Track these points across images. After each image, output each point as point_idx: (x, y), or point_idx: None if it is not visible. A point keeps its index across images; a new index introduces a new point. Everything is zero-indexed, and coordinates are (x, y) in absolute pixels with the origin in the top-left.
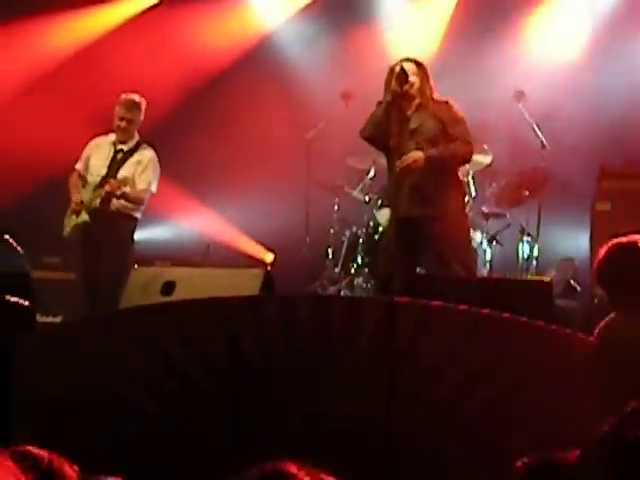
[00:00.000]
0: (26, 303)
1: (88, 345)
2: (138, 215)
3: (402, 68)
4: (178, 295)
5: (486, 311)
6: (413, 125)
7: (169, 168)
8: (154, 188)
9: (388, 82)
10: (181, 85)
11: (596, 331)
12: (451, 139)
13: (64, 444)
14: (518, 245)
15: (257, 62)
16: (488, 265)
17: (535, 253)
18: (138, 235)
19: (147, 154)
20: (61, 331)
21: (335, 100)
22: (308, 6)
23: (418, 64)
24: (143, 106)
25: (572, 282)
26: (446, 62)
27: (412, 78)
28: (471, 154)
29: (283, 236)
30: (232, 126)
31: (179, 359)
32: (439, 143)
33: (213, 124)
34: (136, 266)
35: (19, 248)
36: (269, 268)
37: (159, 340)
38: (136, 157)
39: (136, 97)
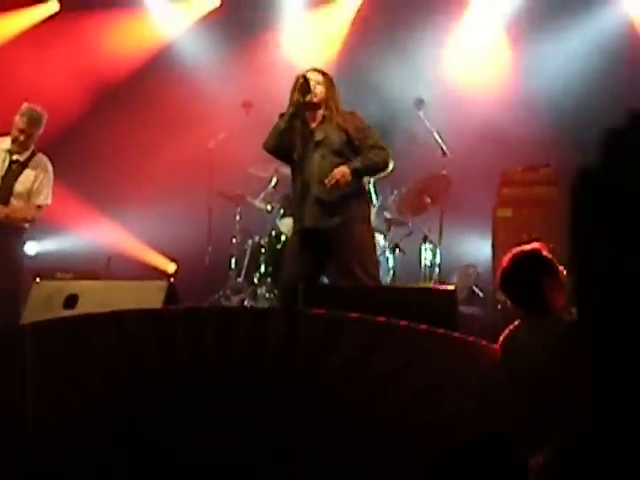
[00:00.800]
0: None
1: None
2: (27, 225)
3: (305, 78)
4: (81, 309)
5: (390, 320)
6: (318, 137)
7: (69, 178)
8: (49, 201)
9: (292, 92)
10: (83, 95)
11: (500, 339)
12: (360, 149)
13: None
14: (420, 252)
15: (159, 71)
16: (391, 273)
17: (437, 260)
18: (37, 247)
19: (43, 169)
20: None
21: (236, 109)
22: (208, 15)
23: (324, 74)
24: (44, 120)
25: (475, 288)
26: (345, 71)
27: (317, 88)
28: (389, 158)
29: (185, 246)
30: (135, 136)
31: (83, 374)
32: (344, 154)
33: (114, 134)
34: (38, 280)
35: None
36: (172, 280)
37: (63, 355)
38: (32, 170)
39: (38, 110)
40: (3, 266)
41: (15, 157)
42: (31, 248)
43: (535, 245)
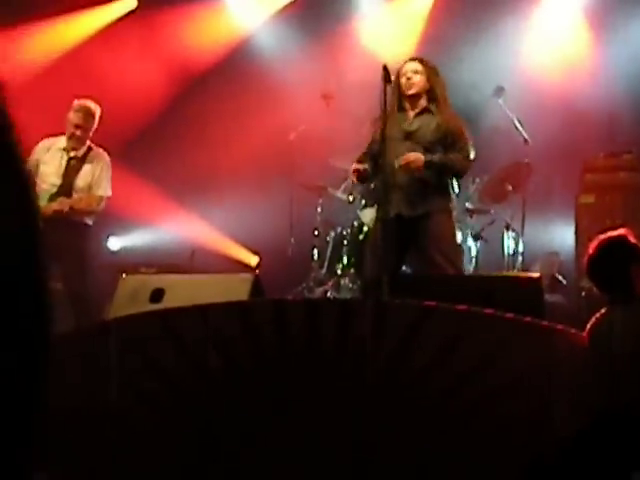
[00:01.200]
0: None
1: (82, 355)
2: (91, 222)
3: (405, 68)
4: (167, 302)
5: (476, 309)
6: (412, 127)
7: (151, 173)
8: (109, 192)
9: (393, 84)
10: (162, 90)
11: (588, 326)
12: (451, 149)
13: (55, 454)
14: (503, 241)
15: (237, 65)
16: (474, 262)
17: (520, 248)
18: (121, 242)
19: (100, 162)
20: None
21: (316, 101)
22: (286, 7)
23: (424, 63)
24: (98, 113)
25: (558, 276)
26: (425, 59)
27: (415, 78)
28: (467, 171)
29: (268, 238)
30: (214, 129)
31: (172, 368)
32: (432, 151)
33: (195, 128)
34: (124, 274)
35: None
36: (257, 272)
37: (152, 349)
38: (89, 164)
39: (91, 104)
40: (73, 261)
41: (72, 154)
42: (114, 243)
43: (621, 231)
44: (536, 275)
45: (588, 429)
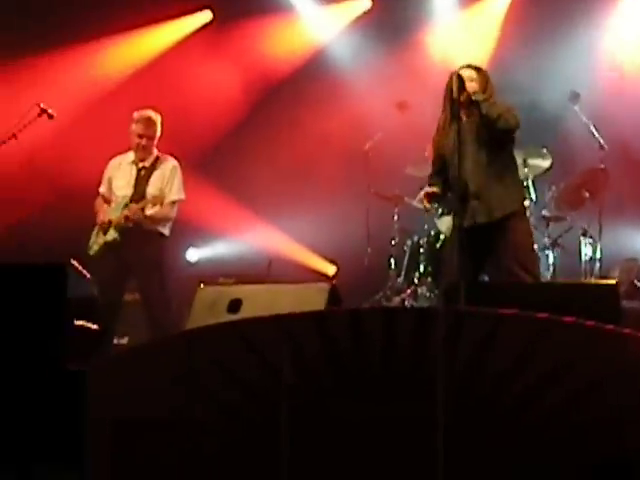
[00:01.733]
0: (94, 327)
1: (160, 366)
2: (167, 232)
3: (459, 75)
4: (245, 313)
5: (553, 317)
6: (472, 133)
7: (228, 184)
8: (182, 195)
9: (447, 89)
10: (239, 100)
11: None
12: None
13: (137, 465)
14: (580, 247)
15: (313, 75)
16: (551, 269)
17: (598, 255)
18: (199, 254)
19: (168, 165)
20: (133, 352)
21: (391, 110)
22: (360, 17)
23: (478, 70)
24: (159, 121)
25: (636, 282)
26: (500, 65)
27: (470, 85)
28: (515, 123)
29: (345, 248)
30: (290, 140)
31: (250, 378)
32: (494, 144)
33: (271, 138)
34: (202, 285)
35: (86, 273)
36: (334, 282)
37: (230, 359)
38: (159, 171)
39: (152, 113)
40: (147, 271)
41: (141, 164)
42: (193, 255)
43: None
44: (613, 282)
45: None
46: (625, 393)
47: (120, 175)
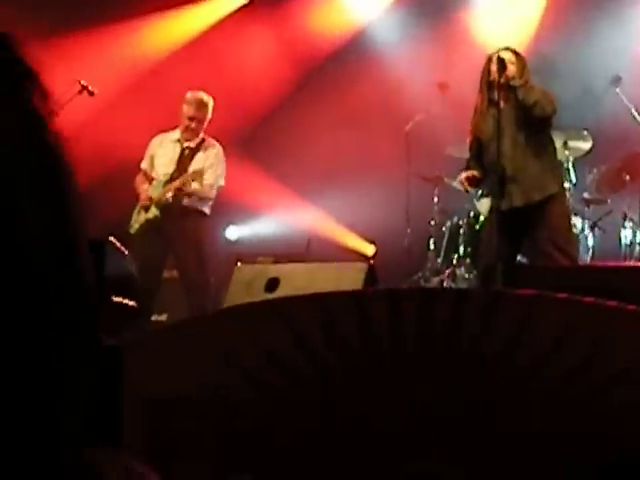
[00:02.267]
0: (132, 303)
1: (196, 344)
2: (207, 211)
3: (499, 57)
4: (282, 291)
5: (591, 299)
6: (508, 116)
7: (269, 163)
8: (222, 182)
9: (485, 72)
10: (280, 80)
11: None
12: None
13: (171, 443)
14: (620, 231)
15: (354, 55)
16: (591, 252)
17: (638, 238)
18: (239, 232)
19: (213, 150)
20: (170, 330)
21: (432, 91)
22: None
23: (516, 54)
24: (211, 104)
25: None
26: (542, 49)
27: (510, 68)
28: (552, 108)
29: (384, 228)
30: (332, 119)
31: (288, 357)
32: (532, 126)
33: (313, 118)
34: (239, 264)
35: (124, 249)
36: (372, 262)
37: (268, 338)
38: (202, 153)
39: (204, 96)
40: (188, 248)
41: (186, 144)
42: (232, 233)
43: None
44: None
45: None
46: None
47: (163, 153)
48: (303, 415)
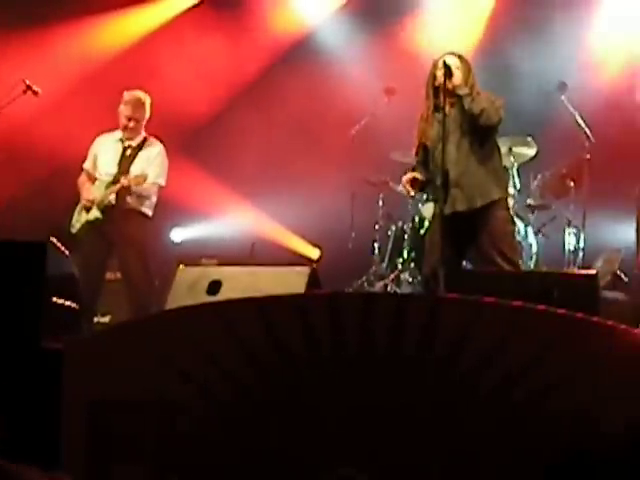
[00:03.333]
0: (73, 305)
1: (137, 346)
2: (150, 213)
3: (445, 63)
4: (224, 294)
5: (529, 305)
6: (454, 121)
7: (215, 165)
8: (163, 182)
9: (431, 77)
10: (225, 82)
11: None
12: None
13: (111, 445)
14: (564, 237)
15: (300, 59)
16: (534, 258)
17: (581, 244)
18: (184, 234)
19: (154, 149)
20: (112, 332)
21: (378, 95)
22: (349, 2)
23: (461, 58)
24: (148, 102)
25: (619, 273)
26: (487, 54)
27: (455, 73)
28: (498, 117)
29: (329, 232)
30: (277, 122)
31: (228, 360)
32: (477, 133)
33: (258, 120)
34: (182, 266)
35: (65, 250)
36: (314, 265)
37: (208, 341)
38: (144, 152)
39: (141, 94)
40: (129, 250)
41: (127, 143)
42: (177, 235)
43: None
44: (592, 272)
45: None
46: (597, 384)
47: (105, 152)
48: (242, 417)
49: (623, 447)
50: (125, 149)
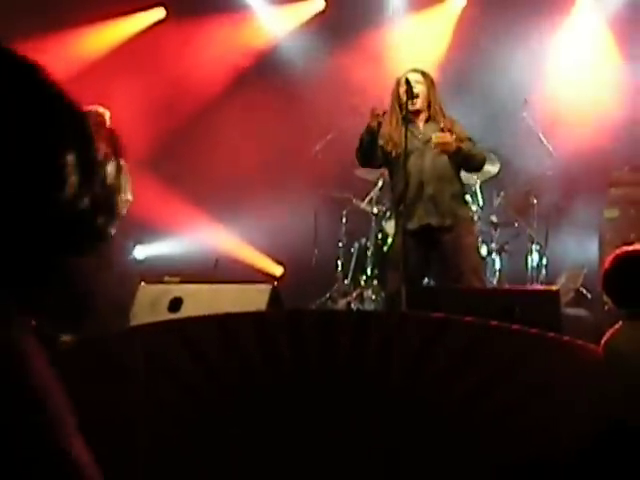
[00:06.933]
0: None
1: (97, 364)
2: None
3: (407, 80)
4: (185, 312)
5: (492, 322)
6: (426, 137)
7: (178, 183)
8: (130, 197)
9: (395, 94)
10: (188, 99)
11: (602, 341)
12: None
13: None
14: (527, 254)
15: (265, 74)
16: (497, 275)
17: (544, 261)
18: (146, 251)
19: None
20: (71, 350)
21: (343, 111)
22: (314, 17)
23: (423, 74)
24: (106, 116)
25: (582, 290)
26: (450, 72)
27: (418, 88)
28: (485, 162)
29: (292, 249)
30: (241, 139)
31: (189, 377)
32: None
33: (222, 137)
34: (143, 283)
35: None
36: (276, 283)
37: (168, 357)
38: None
39: (99, 109)
40: (95, 272)
41: None
42: (140, 252)
43: (638, 246)
44: (554, 289)
45: (602, 443)
46: (559, 399)
47: None
48: (204, 434)
49: (579, 458)
50: None
